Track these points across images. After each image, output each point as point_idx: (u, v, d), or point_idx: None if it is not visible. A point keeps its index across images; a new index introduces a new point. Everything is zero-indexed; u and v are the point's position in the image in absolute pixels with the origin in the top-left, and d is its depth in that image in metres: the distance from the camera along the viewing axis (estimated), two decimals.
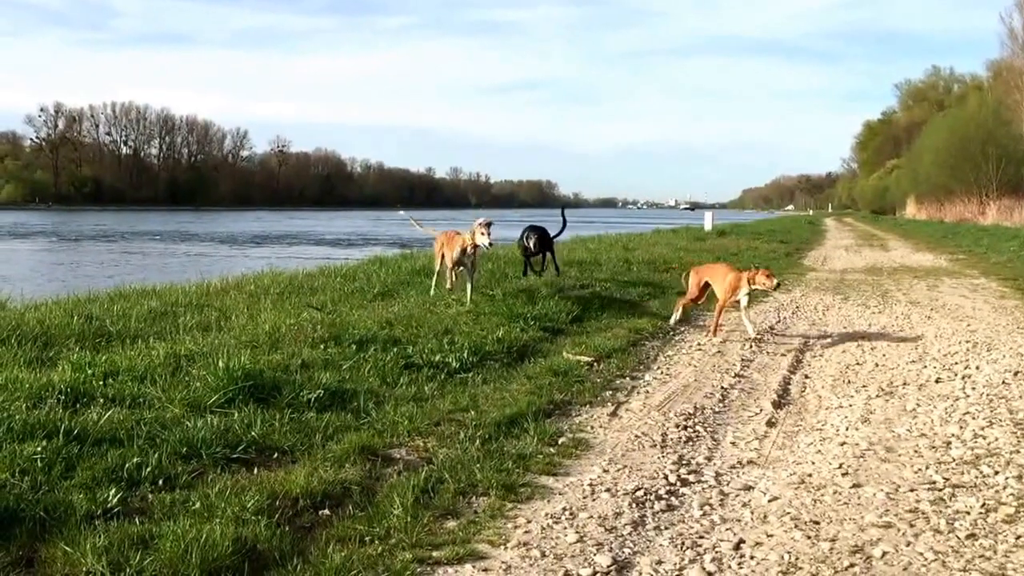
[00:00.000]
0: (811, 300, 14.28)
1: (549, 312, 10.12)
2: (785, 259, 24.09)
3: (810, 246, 32.75)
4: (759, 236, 34.22)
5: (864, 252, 29.51)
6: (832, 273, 20.03)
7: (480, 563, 4.06)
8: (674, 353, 9.19)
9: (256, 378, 6.20)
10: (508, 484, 4.97)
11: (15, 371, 6.12)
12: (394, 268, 14.07)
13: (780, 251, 27.06)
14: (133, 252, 43.10)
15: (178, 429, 5.21)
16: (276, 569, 3.80)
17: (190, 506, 4.29)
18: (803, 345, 9.89)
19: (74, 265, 34.74)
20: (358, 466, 5.06)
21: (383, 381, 6.84)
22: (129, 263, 35.58)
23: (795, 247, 30.56)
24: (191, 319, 8.72)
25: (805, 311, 12.86)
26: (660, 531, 4.51)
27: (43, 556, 3.72)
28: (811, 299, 14.43)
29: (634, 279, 14.71)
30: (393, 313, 9.55)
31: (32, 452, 4.56)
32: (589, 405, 6.91)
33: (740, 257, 22.12)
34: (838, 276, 19.13)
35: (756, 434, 6.29)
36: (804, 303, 13.84)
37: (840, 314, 12.55)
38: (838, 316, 12.34)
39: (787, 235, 38.16)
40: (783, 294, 15.11)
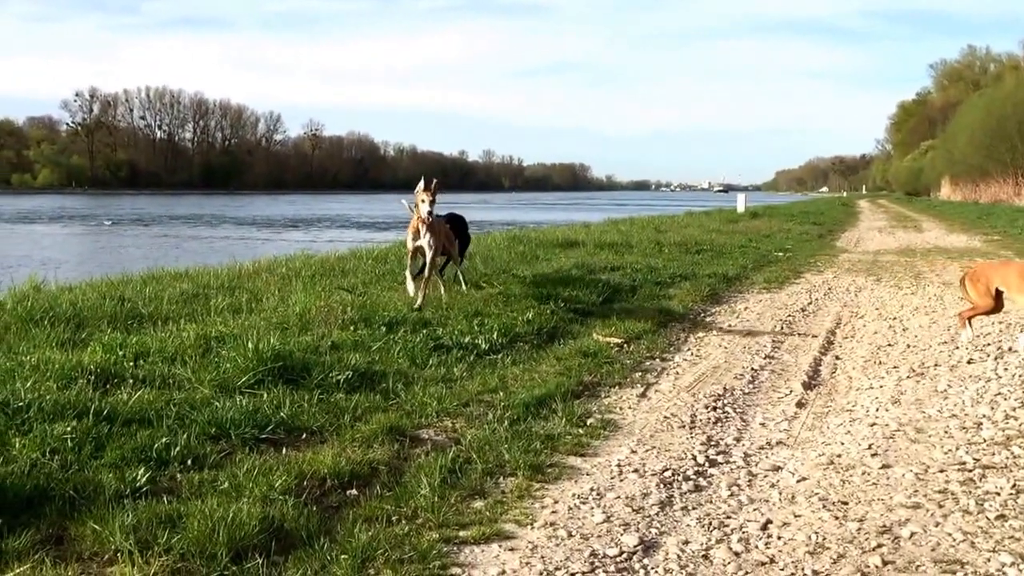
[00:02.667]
0: (843, 281, 14.14)
1: (579, 294, 10.09)
2: (818, 240, 23.88)
3: (843, 227, 32.41)
4: (792, 218, 33.93)
5: (897, 233, 29.17)
6: (865, 254, 19.84)
7: (507, 542, 4.06)
8: (704, 335, 9.13)
9: (286, 359, 6.22)
10: (536, 464, 4.96)
11: (47, 352, 6.19)
12: None
13: (813, 233, 26.83)
14: (169, 236, 43.53)
15: (207, 410, 5.25)
16: (303, 548, 3.81)
17: (218, 486, 4.31)
18: (835, 326, 9.79)
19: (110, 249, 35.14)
20: (386, 446, 5.07)
21: (412, 362, 6.85)
22: (163, 246, 35.93)
23: (828, 228, 30.28)
24: (222, 301, 8.77)
25: (837, 292, 12.73)
26: (687, 511, 4.48)
27: (72, 534, 3.76)
28: (843, 280, 14.29)
29: (665, 261, 14.64)
30: (424, 294, 9.53)
31: (62, 432, 4.61)
32: (618, 386, 6.88)
33: (773, 239, 21.96)
34: (871, 257, 18.94)
35: (786, 415, 6.24)
36: (836, 284, 13.70)
37: (873, 295, 12.42)
38: (870, 297, 12.21)
39: (820, 217, 37.81)
40: (815, 275, 14.99)
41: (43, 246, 36.44)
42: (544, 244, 15.87)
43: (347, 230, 45.54)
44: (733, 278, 13.71)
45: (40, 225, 52.56)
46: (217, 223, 56.16)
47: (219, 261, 13.78)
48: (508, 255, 13.81)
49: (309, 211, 72.43)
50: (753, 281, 13.77)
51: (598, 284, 10.88)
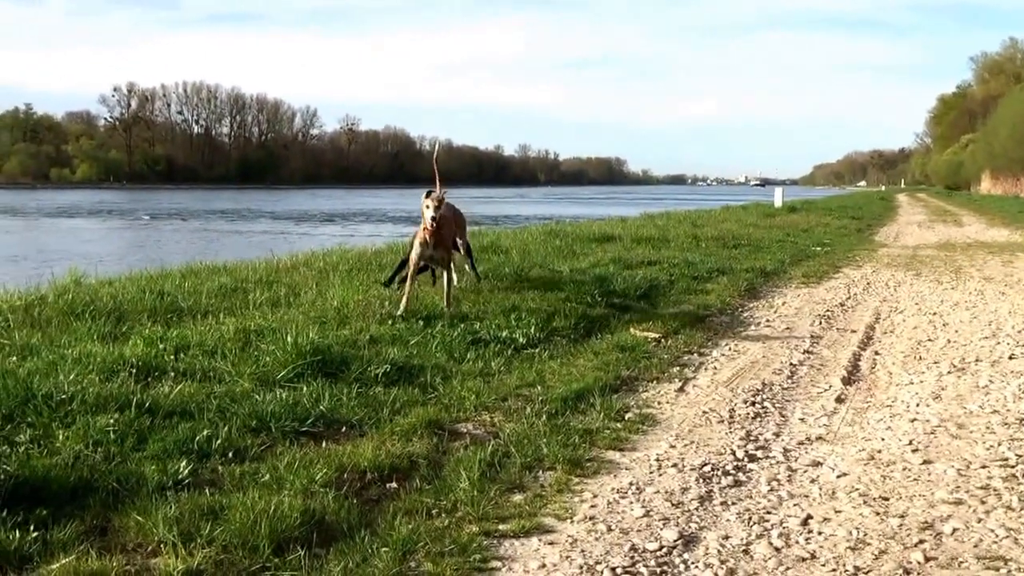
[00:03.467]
0: (882, 276, 13.99)
1: (617, 288, 10.06)
2: (856, 235, 23.65)
3: (882, 222, 32.05)
4: (830, 212, 33.60)
5: (937, 228, 28.82)
6: (904, 249, 19.61)
7: (546, 536, 4.05)
8: (742, 330, 9.07)
9: (324, 353, 6.25)
10: (574, 459, 4.96)
11: (89, 345, 6.26)
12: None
13: (851, 227, 26.57)
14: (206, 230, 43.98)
15: (248, 403, 5.28)
16: (344, 541, 3.83)
17: (259, 478, 4.34)
18: (874, 321, 9.69)
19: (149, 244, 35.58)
20: (425, 440, 5.08)
21: (450, 356, 6.86)
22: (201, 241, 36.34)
23: (867, 223, 29.96)
24: (261, 295, 8.81)
25: (876, 287, 12.59)
26: (727, 506, 4.46)
27: (116, 525, 3.80)
28: (882, 275, 14.13)
29: (702, 255, 14.55)
30: (460, 289, 9.56)
31: (105, 424, 4.66)
32: (656, 381, 6.85)
33: (811, 233, 21.76)
34: (910, 252, 18.72)
35: (825, 410, 6.19)
36: (875, 279, 13.56)
37: (912, 290, 12.28)
38: (910, 292, 12.07)
39: (859, 211, 37.42)
40: (854, 270, 14.85)
41: (82, 240, 37.02)
42: (581, 238, 15.82)
43: (383, 224, 45.84)
44: (771, 273, 13.61)
45: (79, 220, 53.36)
46: (254, 218, 56.69)
47: (256, 255, 13.86)
48: (545, 249, 13.78)
49: (345, 206, 72.89)
50: (791, 276, 13.65)
51: (635, 278, 10.83)
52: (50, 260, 24.11)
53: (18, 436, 4.46)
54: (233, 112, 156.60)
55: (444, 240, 8.51)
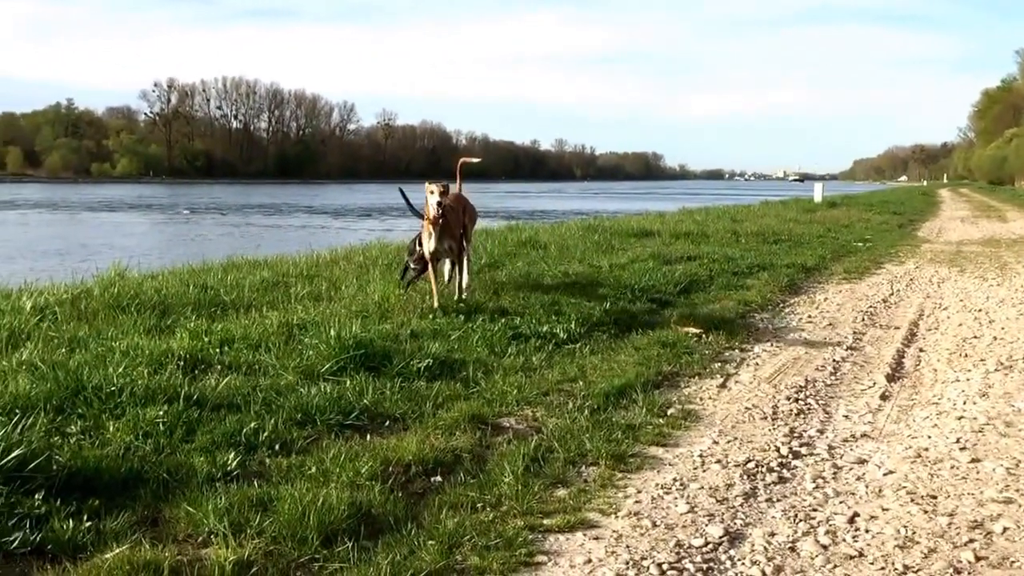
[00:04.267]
0: (926, 272, 13.81)
1: (656, 283, 10.02)
2: (898, 231, 23.36)
3: (924, 217, 31.64)
4: (871, 207, 33.22)
5: (981, 223, 28.39)
6: (948, 245, 19.36)
7: (591, 531, 4.06)
8: (784, 326, 9.01)
9: (367, 347, 6.28)
10: (618, 454, 4.95)
11: (135, 338, 6.35)
12: (500, 240, 14.13)
13: (893, 222, 26.25)
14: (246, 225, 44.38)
15: (293, 396, 5.33)
16: (391, 533, 3.85)
17: (306, 470, 4.38)
18: (918, 318, 9.57)
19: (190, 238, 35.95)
20: (468, 434, 5.09)
21: (491, 351, 6.86)
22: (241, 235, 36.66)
23: (908, 218, 29.60)
24: (302, 289, 8.88)
25: (920, 283, 12.44)
26: (772, 503, 4.43)
27: (167, 516, 3.85)
28: (926, 271, 13.96)
29: (742, 251, 14.46)
30: (500, 284, 9.58)
31: (154, 416, 4.72)
32: (698, 377, 6.83)
33: (852, 229, 21.53)
34: (954, 248, 18.47)
35: (870, 407, 6.13)
36: (918, 275, 13.39)
37: (956, 286, 12.11)
38: (954, 288, 11.91)
39: (900, 206, 36.97)
40: (896, 266, 14.68)
41: (123, 234, 37.52)
42: (619, 233, 15.79)
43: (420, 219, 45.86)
44: (812, 268, 13.49)
45: (120, 214, 54.06)
46: (291, 212, 57.11)
47: (296, 249, 13.96)
48: (584, 244, 13.78)
49: (382, 200, 73.10)
50: (832, 271, 13.52)
51: (674, 274, 10.78)
52: (93, 254, 24.48)
53: (69, 427, 4.54)
54: (271, 107, 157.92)
55: (452, 230, 8.31)
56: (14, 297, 7.63)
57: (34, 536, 3.47)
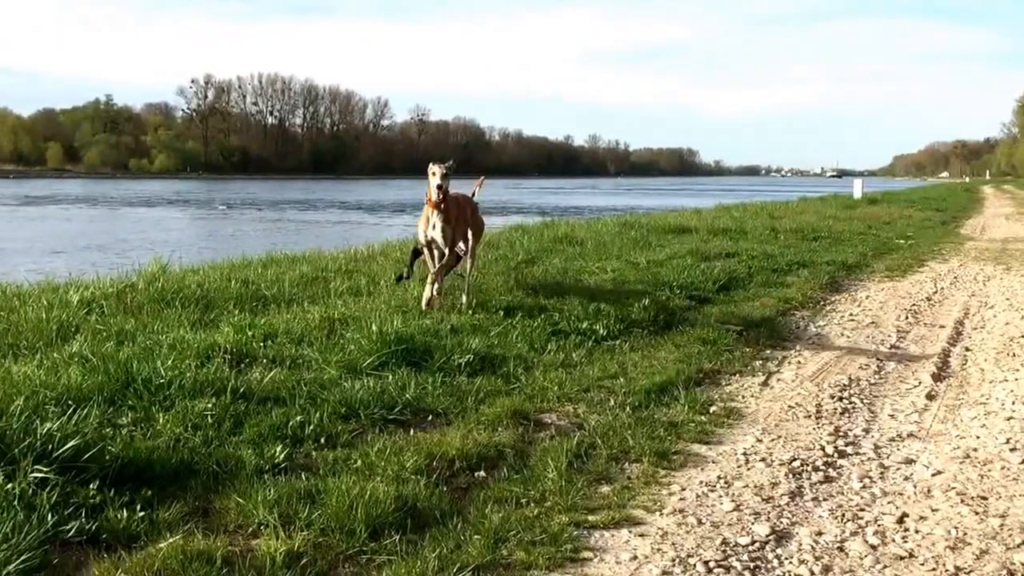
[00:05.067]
0: (970, 270, 13.62)
1: (695, 280, 9.98)
2: (941, 228, 23.07)
3: (967, 214, 31.19)
4: (912, 204, 32.81)
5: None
6: (992, 243, 19.07)
7: (636, 528, 4.05)
8: (825, 324, 8.93)
9: (408, 342, 6.31)
10: (661, 451, 4.94)
11: (181, 332, 6.42)
12: (536, 235, 14.13)
13: (935, 219, 25.92)
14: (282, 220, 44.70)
15: (336, 390, 5.37)
16: (436, 527, 3.87)
17: (351, 464, 4.42)
18: (963, 316, 9.45)
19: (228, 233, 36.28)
20: (510, 430, 5.10)
21: (531, 347, 6.87)
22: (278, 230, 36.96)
23: (951, 215, 29.20)
24: (341, 284, 8.93)
25: (964, 281, 12.27)
26: (819, 502, 4.41)
27: (217, 507, 3.90)
28: (970, 269, 13.77)
29: (781, 248, 14.34)
30: (538, 280, 9.58)
31: (203, 409, 4.79)
32: (739, 374, 6.79)
33: (893, 226, 21.30)
34: (999, 246, 18.19)
35: (915, 407, 6.06)
36: (963, 273, 13.21)
37: (1002, 285, 11.94)
38: (999, 287, 11.74)
39: (942, 203, 36.49)
40: (940, 263, 14.50)
41: (163, 229, 37.94)
42: (656, 230, 15.73)
43: None
44: (853, 266, 13.34)
45: (159, 209, 54.64)
46: (327, 208, 57.42)
47: (333, 245, 14.06)
48: (621, 241, 13.75)
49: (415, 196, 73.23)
50: (874, 269, 13.37)
51: (713, 271, 10.72)
52: (133, 248, 24.79)
53: (121, 419, 4.61)
54: (306, 103, 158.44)
55: (450, 218, 7.88)
56: (61, 291, 7.75)
57: (90, 525, 3.54)
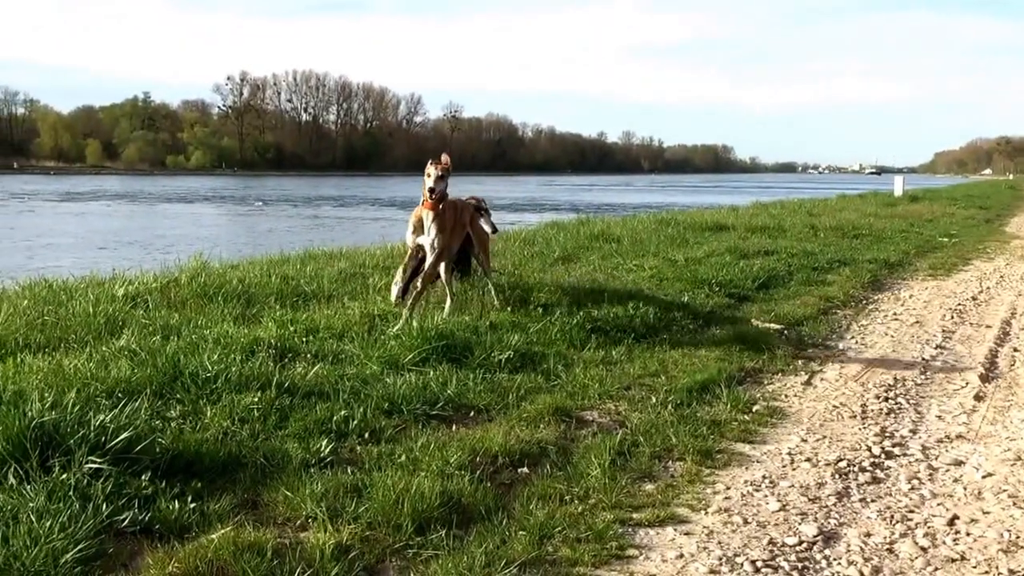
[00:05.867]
0: (1017, 269, 13.41)
1: (734, 278, 9.92)
2: (985, 226, 22.74)
3: (1012, 212, 30.67)
4: (955, 202, 32.31)
5: None
6: None
7: (682, 527, 4.04)
8: (868, 323, 8.84)
9: (448, 338, 6.32)
10: (704, 450, 4.92)
11: (224, 326, 6.49)
12: (572, 233, 14.11)
13: (979, 217, 25.56)
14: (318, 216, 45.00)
15: (379, 385, 5.40)
16: (481, 523, 3.87)
17: (396, 459, 4.43)
18: (1010, 316, 9.31)
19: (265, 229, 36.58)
20: (552, 427, 5.11)
21: (570, 344, 6.85)
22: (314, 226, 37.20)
23: (995, 213, 28.75)
24: (380, 280, 8.96)
25: (1011, 280, 12.08)
26: (866, 503, 4.37)
27: (265, 500, 3.93)
28: (1017, 268, 13.55)
29: (821, 246, 14.22)
30: (576, 277, 9.57)
31: (249, 403, 4.84)
32: (781, 373, 6.74)
33: (936, 224, 21.03)
34: None
35: (963, 408, 5.98)
36: (1009, 272, 13.01)
37: None
38: None
39: (986, 200, 35.93)
40: (985, 262, 14.29)
41: (200, 225, 38.35)
42: (693, 227, 15.65)
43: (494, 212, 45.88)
44: (895, 264, 13.19)
45: (196, 205, 55.20)
46: (361, 204, 57.71)
47: (369, 241, 14.12)
48: (657, 238, 13.69)
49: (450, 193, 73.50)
50: (917, 268, 13.21)
51: (752, 268, 10.65)
52: (173, 244, 25.07)
53: (169, 412, 4.67)
54: (340, 100, 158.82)
55: (443, 224, 7.14)
56: (107, 285, 7.86)
57: (143, 516, 3.58)
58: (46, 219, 40.60)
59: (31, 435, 3.79)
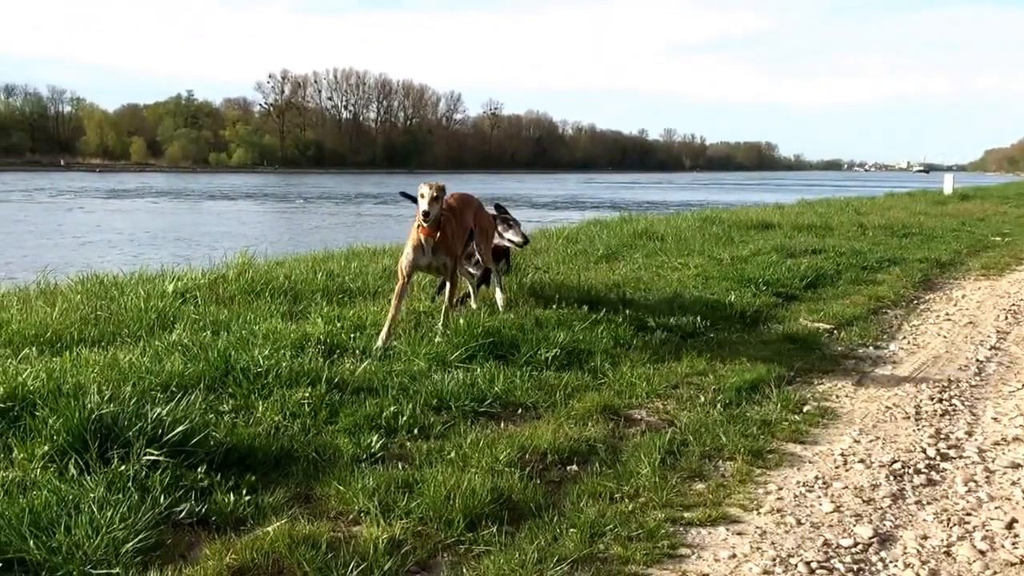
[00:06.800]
0: None
1: (781, 277, 9.82)
2: None
3: None
4: (1007, 200, 31.65)
5: None
6: None
7: (734, 527, 4.00)
8: (920, 323, 8.70)
9: (495, 335, 6.32)
10: (755, 449, 4.87)
11: (273, 322, 6.54)
12: (615, 230, 14.05)
13: None
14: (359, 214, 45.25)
15: (427, 382, 5.41)
16: (532, 520, 3.87)
17: (445, 455, 4.44)
18: None
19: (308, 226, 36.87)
20: (600, 425, 5.09)
21: (616, 342, 6.82)
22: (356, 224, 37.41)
23: None
24: (423, 277, 8.96)
25: None
26: (922, 506, 4.30)
27: (318, 493, 3.96)
28: None
29: (870, 244, 14.02)
30: (620, 275, 9.54)
31: (300, 398, 4.88)
32: (831, 374, 6.65)
33: (987, 222, 20.67)
34: None
35: (1020, 410, 5.87)
36: None
37: None
38: None
39: None
40: None
41: (244, 222, 38.76)
42: (738, 225, 15.50)
43: (531, 210, 45.81)
44: (946, 263, 12.96)
45: (240, 202, 55.78)
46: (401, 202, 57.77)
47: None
48: (702, 236, 13.59)
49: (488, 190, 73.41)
50: (969, 267, 12.97)
51: (800, 267, 10.53)
52: (218, 240, 25.35)
53: (222, 406, 4.72)
54: (380, 97, 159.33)
55: (448, 242, 6.72)
56: (157, 281, 7.96)
57: (199, 508, 3.62)
58: (94, 216, 41.26)
59: (91, 427, 3.86)
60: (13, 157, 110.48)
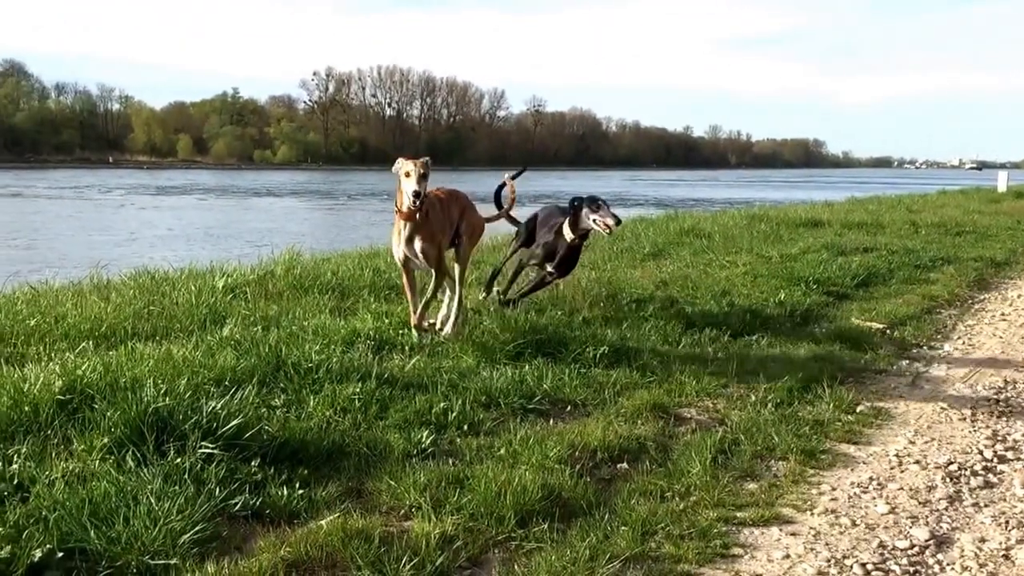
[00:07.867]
0: None
1: (832, 275, 9.70)
2: None
3: None
4: None
5: None
6: None
7: (787, 527, 3.96)
8: (975, 323, 8.55)
9: (542, 332, 6.30)
10: (807, 450, 4.81)
11: (322, 318, 6.59)
12: (661, 228, 13.98)
13: None
14: None
15: (476, 378, 5.42)
16: (584, 517, 3.85)
17: (495, 451, 4.44)
18: None
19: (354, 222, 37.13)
20: (650, 423, 5.06)
21: (664, 340, 6.78)
22: None
23: None
24: (470, 274, 8.94)
25: None
26: (980, 508, 4.23)
27: (369, 488, 3.98)
28: None
29: (923, 243, 13.79)
30: (668, 273, 9.48)
31: (350, 393, 4.90)
32: (884, 374, 6.56)
33: None
34: None
35: None
36: None
37: None
38: None
39: None
40: None
41: (290, 219, 39.13)
42: (786, 223, 15.35)
43: None
44: (1002, 263, 12.67)
45: (285, 199, 56.31)
46: None
47: None
48: (750, 234, 13.48)
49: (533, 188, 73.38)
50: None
51: (851, 266, 10.39)
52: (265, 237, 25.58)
53: (274, 400, 4.76)
54: (423, 95, 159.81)
55: (432, 232, 6.29)
56: (207, 277, 8.06)
57: (254, 500, 3.66)
58: (145, 212, 41.90)
59: (148, 420, 3.92)
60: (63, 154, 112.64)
